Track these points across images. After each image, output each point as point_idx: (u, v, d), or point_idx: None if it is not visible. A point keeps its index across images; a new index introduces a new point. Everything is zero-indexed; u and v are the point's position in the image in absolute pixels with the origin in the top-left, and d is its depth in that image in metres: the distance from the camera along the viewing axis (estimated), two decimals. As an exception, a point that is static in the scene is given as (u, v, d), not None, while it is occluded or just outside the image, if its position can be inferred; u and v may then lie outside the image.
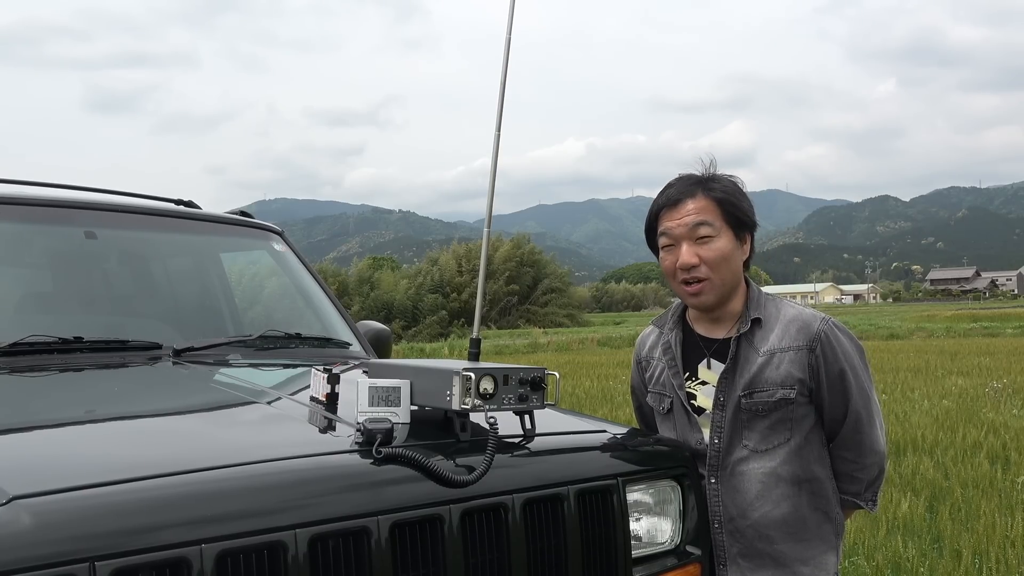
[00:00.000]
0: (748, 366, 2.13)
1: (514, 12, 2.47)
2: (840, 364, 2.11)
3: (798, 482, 2.12)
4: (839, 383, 2.11)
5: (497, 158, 2.49)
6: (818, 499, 2.14)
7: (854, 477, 2.18)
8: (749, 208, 2.18)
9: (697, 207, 2.12)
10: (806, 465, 2.13)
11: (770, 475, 2.11)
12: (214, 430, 1.89)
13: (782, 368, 2.10)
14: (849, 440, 2.15)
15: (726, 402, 2.14)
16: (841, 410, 2.12)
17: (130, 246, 3.03)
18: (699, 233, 2.11)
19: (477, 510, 1.60)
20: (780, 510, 2.10)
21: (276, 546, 1.36)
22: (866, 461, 2.16)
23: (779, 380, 2.09)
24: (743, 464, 2.12)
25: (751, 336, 2.15)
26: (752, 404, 2.11)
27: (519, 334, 41.67)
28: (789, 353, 2.10)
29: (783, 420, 2.11)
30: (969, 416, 9.83)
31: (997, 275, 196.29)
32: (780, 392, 2.09)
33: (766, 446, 2.12)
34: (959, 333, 34.60)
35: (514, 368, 1.75)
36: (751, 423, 2.12)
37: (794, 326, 2.13)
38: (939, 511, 5.70)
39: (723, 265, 2.12)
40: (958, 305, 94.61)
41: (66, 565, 1.18)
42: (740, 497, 2.12)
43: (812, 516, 2.13)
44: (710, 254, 2.11)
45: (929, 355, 21.33)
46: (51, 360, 2.30)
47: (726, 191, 2.15)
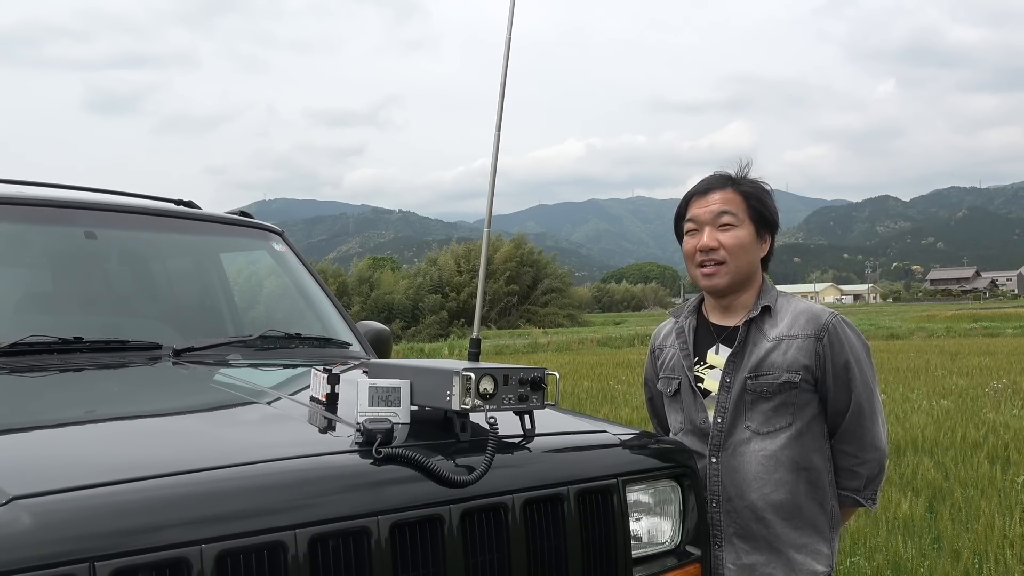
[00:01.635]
0: (756, 350, 2.21)
1: (514, 12, 2.47)
2: (846, 355, 2.18)
3: (796, 469, 2.17)
4: (844, 373, 2.17)
5: (497, 158, 2.49)
6: (815, 489, 2.20)
7: (855, 472, 2.23)
8: (774, 209, 2.31)
9: (724, 198, 2.25)
10: (805, 453, 2.19)
11: (770, 458, 2.17)
12: (214, 430, 1.89)
13: (789, 354, 2.17)
14: (851, 433, 2.20)
15: (732, 383, 2.21)
16: (844, 401, 2.18)
17: (130, 246, 3.03)
18: (722, 221, 2.23)
19: (477, 510, 1.60)
20: (778, 494, 2.16)
21: (276, 546, 1.36)
22: (867, 456, 2.21)
23: (785, 364, 2.17)
24: (744, 445, 2.19)
25: (760, 322, 2.24)
26: (757, 386, 2.18)
27: (519, 334, 41.67)
28: (797, 340, 2.18)
29: (786, 404, 2.18)
30: (969, 416, 9.83)
31: (997, 275, 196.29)
32: (785, 376, 2.16)
33: (768, 428, 2.18)
34: (959, 333, 34.59)
35: (514, 368, 1.76)
36: (755, 405, 2.19)
37: (804, 316, 2.22)
38: (939, 511, 5.70)
39: (740, 253, 2.23)
40: (958, 305, 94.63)
41: (66, 565, 1.18)
42: (739, 477, 2.18)
43: (808, 504, 2.18)
44: (730, 240, 2.22)
45: (929, 355, 21.33)
46: (51, 360, 2.30)
47: (754, 188, 2.28)
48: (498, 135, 2.43)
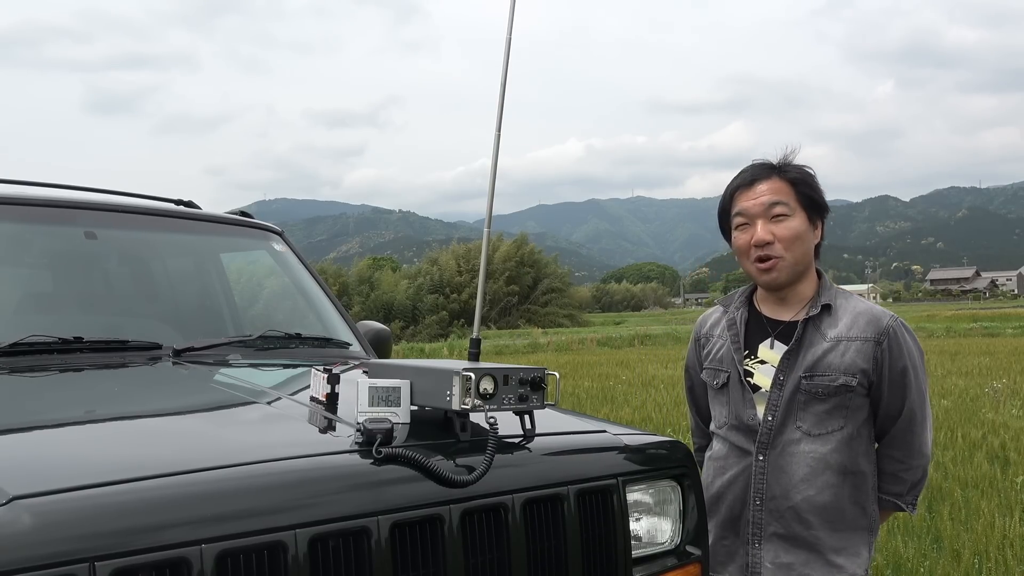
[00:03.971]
0: (813, 349, 2.15)
1: (514, 12, 2.47)
2: (904, 361, 2.13)
3: (844, 472, 2.14)
4: (900, 379, 2.13)
5: (497, 158, 2.49)
6: (859, 493, 2.16)
7: (899, 478, 2.19)
8: (822, 192, 2.22)
9: (772, 188, 2.17)
10: (854, 457, 2.15)
11: (819, 460, 2.13)
12: (214, 430, 1.89)
13: (847, 356, 2.12)
14: (900, 439, 2.17)
15: (785, 381, 2.16)
16: (897, 407, 2.14)
17: (130, 246, 3.03)
18: (774, 212, 2.15)
19: (477, 510, 1.60)
20: (823, 497, 2.12)
21: (276, 546, 1.36)
22: (913, 463, 2.18)
23: (843, 367, 2.11)
24: (794, 445, 2.15)
25: (819, 321, 2.17)
26: (812, 386, 2.13)
27: (519, 334, 41.65)
28: (856, 343, 2.13)
29: (840, 407, 2.13)
30: (969, 416, 9.83)
31: (997, 275, 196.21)
32: (842, 379, 2.11)
33: (820, 431, 2.14)
34: (959, 333, 34.58)
35: (514, 368, 1.75)
36: (808, 405, 2.14)
37: (863, 318, 2.16)
38: (939, 511, 5.70)
39: (797, 244, 2.15)
40: (958, 305, 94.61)
41: (66, 565, 1.18)
42: (785, 477, 2.15)
43: (851, 508, 2.15)
44: (785, 232, 2.14)
45: (929, 355, 21.27)
46: (51, 360, 2.30)
47: (800, 173, 2.19)
48: (498, 135, 2.42)
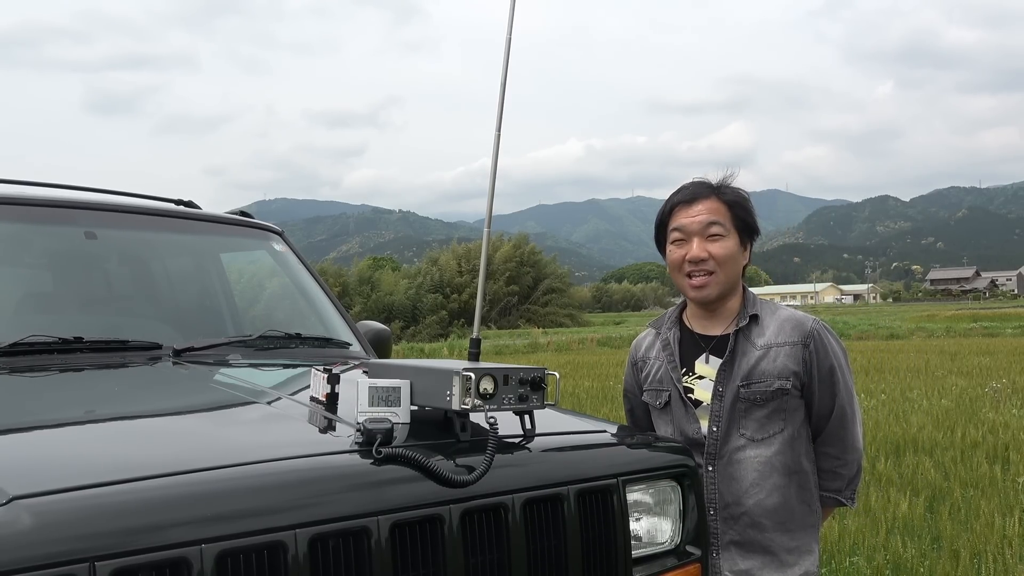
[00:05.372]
0: (746, 358, 2.25)
1: (514, 12, 2.47)
2: (831, 360, 2.25)
3: (789, 473, 2.23)
4: (829, 377, 2.25)
5: (497, 158, 2.49)
6: (804, 492, 2.26)
7: (837, 473, 2.30)
8: (755, 216, 2.35)
9: (710, 208, 2.27)
10: (796, 457, 2.25)
11: (765, 464, 2.22)
12: (214, 430, 1.89)
13: (779, 361, 2.22)
14: (834, 436, 2.28)
15: (725, 392, 2.25)
16: (828, 405, 2.26)
17: (130, 246, 3.03)
18: (711, 231, 2.26)
19: (477, 510, 1.60)
20: (772, 499, 2.21)
21: (276, 546, 1.36)
22: (848, 457, 2.29)
23: (776, 372, 2.22)
24: (740, 452, 2.23)
25: (748, 332, 2.28)
26: (751, 393, 2.22)
27: (519, 334, 41.66)
28: (785, 348, 2.24)
29: (778, 410, 2.23)
30: (969, 416, 9.83)
31: (997, 275, 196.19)
32: (777, 383, 2.21)
33: (762, 435, 2.23)
34: (959, 333, 34.60)
35: (514, 368, 1.76)
36: (748, 412, 2.23)
37: (789, 324, 2.28)
38: (939, 511, 5.71)
39: (729, 263, 2.26)
40: (958, 305, 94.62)
41: (66, 565, 1.18)
42: (736, 485, 2.23)
43: (799, 508, 2.24)
44: (719, 251, 2.25)
45: (929, 355, 21.34)
46: (51, 360, 2.30)
47: (737, 196, 2.31)
48: (498, 135, 2.42)
